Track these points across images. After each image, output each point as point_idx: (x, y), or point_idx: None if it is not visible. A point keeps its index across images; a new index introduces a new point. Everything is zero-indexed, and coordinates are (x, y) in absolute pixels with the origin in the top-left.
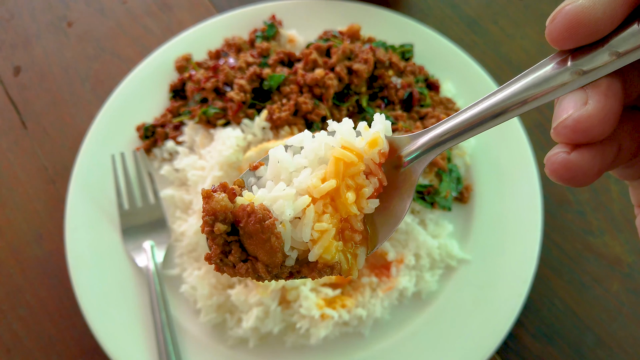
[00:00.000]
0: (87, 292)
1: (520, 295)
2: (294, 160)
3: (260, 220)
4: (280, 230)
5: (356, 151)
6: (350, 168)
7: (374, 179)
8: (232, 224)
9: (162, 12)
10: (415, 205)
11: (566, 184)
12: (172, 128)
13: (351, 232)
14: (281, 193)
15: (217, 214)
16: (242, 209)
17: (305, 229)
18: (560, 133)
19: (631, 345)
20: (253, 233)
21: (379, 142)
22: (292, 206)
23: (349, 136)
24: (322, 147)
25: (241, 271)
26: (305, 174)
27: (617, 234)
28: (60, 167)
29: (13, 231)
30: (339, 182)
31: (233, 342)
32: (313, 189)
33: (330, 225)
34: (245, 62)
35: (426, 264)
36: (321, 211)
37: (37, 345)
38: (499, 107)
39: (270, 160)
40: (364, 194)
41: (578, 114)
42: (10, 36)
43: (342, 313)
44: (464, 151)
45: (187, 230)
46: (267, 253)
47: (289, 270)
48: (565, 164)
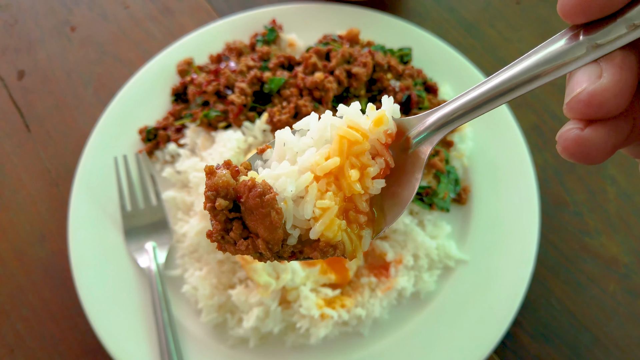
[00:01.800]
0: (89, 292)
1: (518, 295)
2: (300, 141)
3: (260, 195)
4: (282, 207)
5: (361, 130)
6: (354, 146)
7: (380, 159)
8: (235, 201)
9: (163, 17)
10: (414, 207)
11: (578, 162)
12: (174, 131)
13: (355, 213)
14: (284, 170)
15: (219, 190)
16: (244, 184)
17: (307, 205)
18: (574, 108)
19: (627, 345)
20: (253, 208)
21: (384, 121)
22: (295, 183)
23: (354, 115)
24: (327, 127)
25: (242, 248)
26: (310, 152)
27: (613, 235)
28: (63, 169)
29: (16, 232)
30: (342, 160)
31: (234, 341)
32: (316, 167)
33: (333, 202)
34: (246, 66)
35: (424, 264)
36: (324, 189)
37: (40, 345)
38: (511, 84)
39: (276, 142)
40: (369, 174)
41: (593, 88)
42: (14, 41)
43: (341, 313)
44: (461, 153)
45: (189, 232)
46: (267, 229)
47: (291, 249)
48: (579, 141)
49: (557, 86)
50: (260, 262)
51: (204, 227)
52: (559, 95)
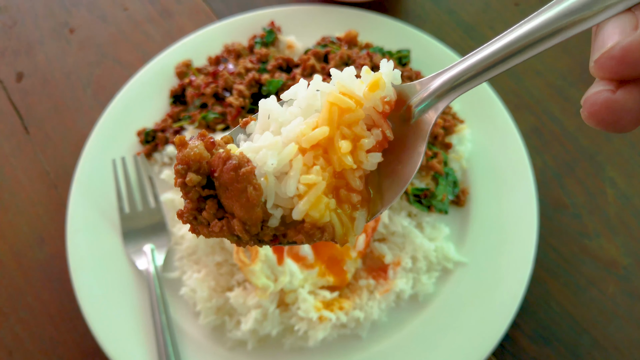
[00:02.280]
0: (87, 294)
1: (517, 297)
2: (286, 111)
3: (235, 168)
4: (262, 183)
5: (355, 97)
6: (346, 115)
7: (376, 130)
8: (209, 177)
9: (162, 19)
10: (412, 209)
11: (606, 129)
12: (172, 133)
13: (347, 191)
14: (265, 142)
15: (190, 164)
16: (218, 157)
17: (291, 181)
18: (604, 66)
19: (627, 347)
20: (228, 183)
21: (381, 85)
22: (277, 156)
23: (347, 80)
24: (316, 95)
25: (215, 229)
26: (295, 122)
27: (612, 237)
28: (61, 171)
29: (15, 235)
30: (332, 130)
31: (232, 344)
32: (302, 137)
33: (320, 178)
34: (244, 68)
35: (423, 266)
36: (311, 163)
37: (39, 347)
38: (530, 39)
39: (260, 113)
40: (363, 146)
41: (627, 41)
42: (13, 42)
43: (339, 315)
44: (460, 155)
45: (187, 234)
46: (243, 207)
47: (272, 232)
48: (609, 105)
49: (557, 89)
50: (258, 265)
51: None
52: (558, 97)
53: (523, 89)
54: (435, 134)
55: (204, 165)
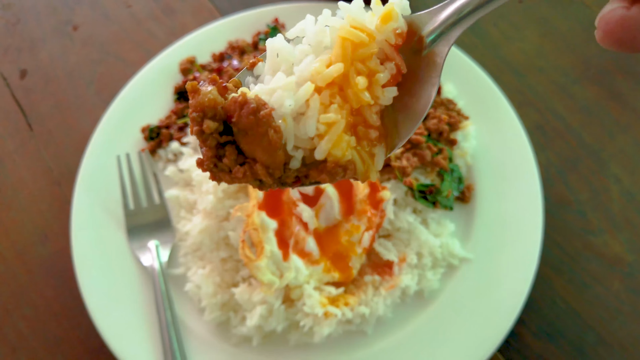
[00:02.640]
0: (92, 291)
1: (522, 294)
2: (296, 50)
3: (254, 111)
4: (280, 125)
5: (367, 30)
6: (359, 49)
7: (390, 64)
8: (225, 122)
9: (166, 17)
10: (418, 205)
11: (622, 49)
12: (176, 129)
13: (365, 128)
14: (279, 83)
15: (205, 110)
16: (233, 101)
17: (310, 121)
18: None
19: (632, 344)
20: (248, 128)
21: (393, 16)
22: (293, 96)
23: (357, 13)
24: (326, 30)
25: (238, 175)
26: (308, 60)
27: (617, 234)
28: (65, 168)
29: (19, 232)
30: (347, 66)
31: (237, 340)
32: (317, 76)
33: (339, 116)
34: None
35: (428, 262)
36: (328, 102)
37: (43, 344)
38: None
39: (268, 53)
40: (378, 81)
41: None
42: (16, 40)
43: (345, 311)
44: (465, 151)
45: (192, 230)
46: (265, 151)
47: (294, 174)
48: (625, 22)
49: (561, 86)
50: (263, 261)
51: (206, 226)
52: (562, 94)
53: (527, 86)
54: (441, 130)
55: (220, 111)
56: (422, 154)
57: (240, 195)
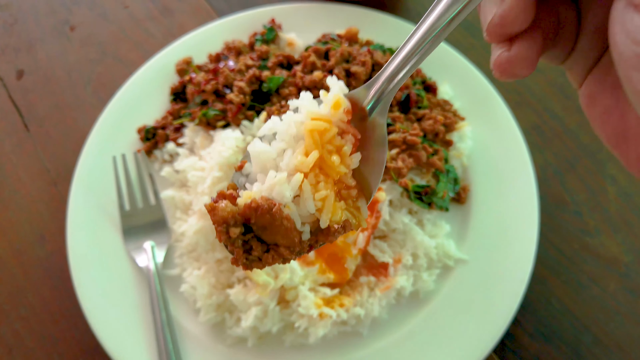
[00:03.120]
0: (88, 292)
1: (518, 294)
2: (273, 147)
3: (267, 211)
4: (287, 212)
5: (324, 118)
6: (325, 134)
7: (348, 136)
8: (243, 224)
9: (163, 17)
10: (413, 206)
11: (513, 78)
12: (172, 130)
13: (347, 190)
14: (274, 180)
15: (227, 221)
16: (248, 208)
17: (308, 202)
18: (492, 32)
19: (628, 345)
20: (266, 224)
21: (341, 102)
22: (289, 187)
23: (313, 107)
24: (292, 125)
25: (268, 261)
26: (288, 155)
27: (614, 234)
28: (62, 169)
29: (15, 232)
30: (320, 150)
31: (232, 341)
32: (301, 165)
33: (328, 190)
34: (244, 65)
35: (424, 263)
36: (315, 182)
37: (39, 344)
38: (430, 33)
39: (251, 156)
40: (346, 153)
41: (501, 11)
42: (14, 40)
43: (340, 312)
44: (461, 152)
45: (187, 231)
46: (284, 237)
47: (308, 243)
48: (510, 60)
49: (558, 86)
50: None
51: (202, 226)
52: (559, 95)
53: (524, 87)
54: (436, 131)
55: (238, 217)
56: (417, 154)
57: None
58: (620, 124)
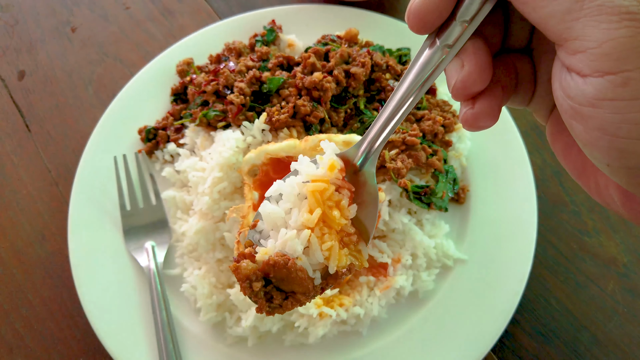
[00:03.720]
0: (89, 291)
1: (516, 294)
2: (281, 207)
3: (284, 266)
4: (300, 264)
5: (322, 179)
6: (324, 193)
7: (344, 190)
8: (263, 277)
9: (164, 18)
10: (412, 206)
11: (479, 129)
12: (173, 131)
13: (348, 237)
14: (286, 237)
15: (250, 277)
16: (266, 264)
17: (317, 253)
18: (457, 94)
19: (627, 344)
20: (284, 277)
21: (336, 165)
22: (299, 242)
23: (311, 170)
24: (295, 187)
25: (288, 307)
26: (295, 213)
27: (612, 234)
28: (63, 169)
29: (16, 232)
30: (322, 207)
31: (232, 340)
32: (307, 222)
33: (333, 241)
34: (245, 66)
35: (423, 263)
36: (320, 234)
37: (39, 344)
38: (405, 99)
39: (262, 216)
40: (344, 206)
41: (461, 77)
42: (15, 41)
43: (340, 312)
44: (460, 153)
45: (188, 231)
46: (299, 285)
47: (320, 287)
48: (475, 116)
49: None
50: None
51: (202, 227)
52: None
53: None
54: (435, 132)
55: (259, 273)
56: (416, 155)
57: (236, 196)
58: (579, 159)
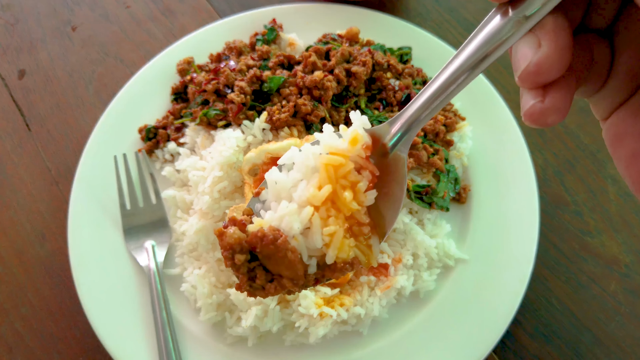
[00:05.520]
0: (89, 291)
1: (518, 294)
2: (289, 177)
3: (272, 241)
4: (294, 244)
5: (341, 153)
6: (340, 169)
7: (365, 172)
8: (251, 251)
9: (165, 17)
10: (414, 206)
11: (544, 126)
12: (173, 130)
13: (359, 226)
14: (285, 211)
15: (233, 247)
16: (254, 236)
17: (316, 236)
18: (526, 79)
19: (629, 345)
20: (270, 254)
21: (359, 138)
22: (298, 220)
23: (331, 141)
24: (310, 157)
25: (271, 291)
26: (302, 186)
27: (614, 234)
28: (63, 168)
29: (16, 231)
30: (333, 185)
31: (232, 340)
32: (313, 199)
33: (337, 226)
34: (245, 65)
35: (424, 263)
36: (326, 216)
37: (39, 344)
38: (460, 72)
39: (268, 184)
40: (360, 189)
41: (537, 58)
42: (16, 40)
43: (340, 312)
44: (461, 152)
45: (188, 230)
46: (287, 268)
47: (314, 277)
48: (544, 112)
49: None
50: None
51: (203, 226)
52: None
53: None
54: (437, 131)
55: (245, 245)
56: (418, 154)
57: (236, 195)
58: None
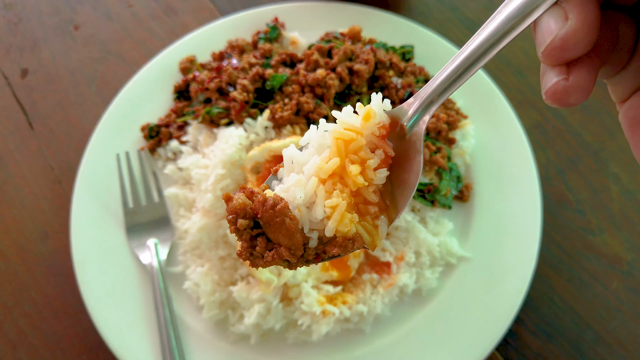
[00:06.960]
0: (91, 289)
1: (520, 292)
2: (305, 153)
3: (272, 206)
4: (296, 214)
5: (354, 128)
6: (350, 144)
7: (379, 151)
8: (255, 220)
9: (167, 16)
10: (416, 204)
11: (566, 106)
12: (176, 128)
13: (365, 205)
14: (292, 182)
15: (237, 212)
16: (257, 201)
17: (318, 207)
18: (551, 55)
19: (631, 343)
20: (270, 219)
21: (372, 114)
22: (303, 190)
23: (345, 117)
24: (324, 134)
25: (268, 259)
26: (313, 160)
27: (616, 233)
28: (66, 167)
29: (19, 229)
30: (342, 159)
31: (235, 338)
32: (319, 171)
33: (340, 199)
34: (248, 63)
35: (426, 261)
36: (331, 189)
37: (42, 341)
38: (484, 47)
39: (284, 160)
40: (370, 166)
41: (564, 32)
42: (18, 39)
43: (343, 309)
44: (464, 150)
45: (191, 228)
46: (286, 236)
47: (314, 251)
48: (568, 90)
49: None
50: None
51: (205, 224)
52: None
53: (526, 85)
54: (439, 129)
55: (249, 211)
56: None
57: None
58: None
